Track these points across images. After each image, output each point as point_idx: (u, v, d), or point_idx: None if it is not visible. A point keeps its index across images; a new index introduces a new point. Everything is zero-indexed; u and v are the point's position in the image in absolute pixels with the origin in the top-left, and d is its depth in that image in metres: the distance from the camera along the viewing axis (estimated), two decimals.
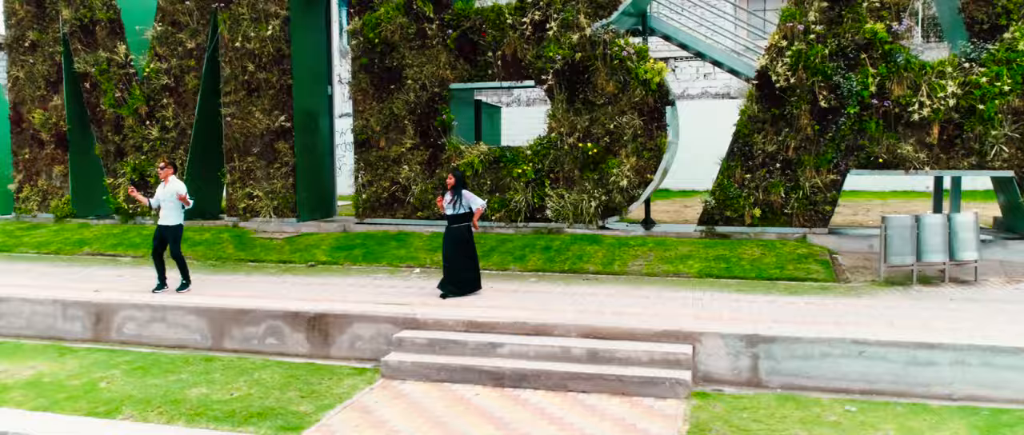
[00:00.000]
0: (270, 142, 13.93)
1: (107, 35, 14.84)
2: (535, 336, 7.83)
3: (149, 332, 9.09)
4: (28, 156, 15.75)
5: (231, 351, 8.76)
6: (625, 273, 10.87)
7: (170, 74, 14.45)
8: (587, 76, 12.12)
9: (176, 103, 14.48)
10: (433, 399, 7.02)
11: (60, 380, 7.62)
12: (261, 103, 13.90)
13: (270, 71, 13.79)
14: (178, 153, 14.52)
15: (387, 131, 13.27)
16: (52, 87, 15.43)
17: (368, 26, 13.08)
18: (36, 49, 15.44)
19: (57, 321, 9.41)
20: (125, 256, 13.12)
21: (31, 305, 9.50)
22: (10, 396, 7.16)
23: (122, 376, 7.72)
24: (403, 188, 13.27)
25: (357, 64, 13.38)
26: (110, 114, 14.91)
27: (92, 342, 9.24)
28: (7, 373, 7.87)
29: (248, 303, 8.93)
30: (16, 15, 15.50)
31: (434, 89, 12.93)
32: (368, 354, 8.37)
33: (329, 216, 15.19)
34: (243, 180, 14.19)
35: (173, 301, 9.13)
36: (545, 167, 12.43)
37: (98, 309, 9.25)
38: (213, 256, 12.72)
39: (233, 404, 6.85)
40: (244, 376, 7.71)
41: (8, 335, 9.56)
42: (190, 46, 14.29)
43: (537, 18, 12.16)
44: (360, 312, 8.46)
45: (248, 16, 13.77)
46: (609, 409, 6.71)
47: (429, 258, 11.86)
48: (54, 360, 8.39)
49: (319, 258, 12.27)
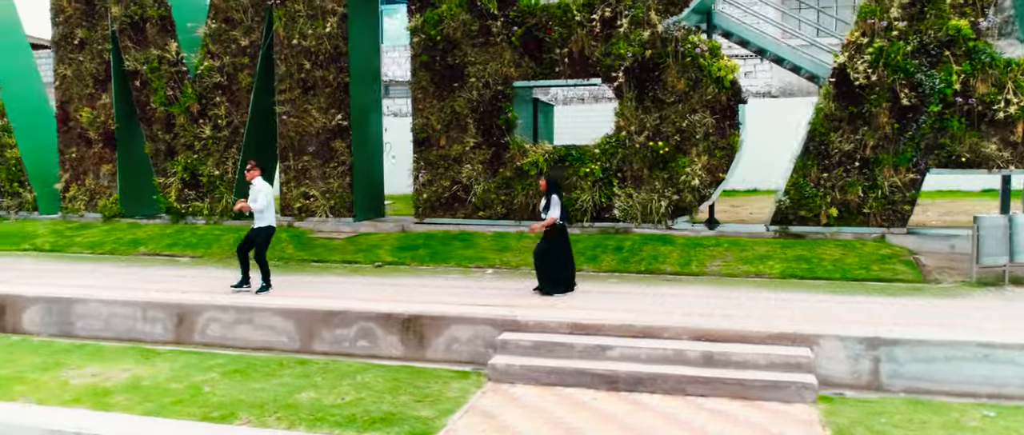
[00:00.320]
0: (326, 141, 13.74)
1: (158, 32, 14.65)
2: (643, 339, 7.64)
3: (234, 334, 8.89)
4: (75, 155, 15.55)
5: (320, 354, 8.56)
6: (704, 274, 10.69)
7: (223, 72, 14.26)
8: (657, 74, 11.93)
9: (229, 101, 14.29)
10: (551, 403, 6.83)
11: (159, 383, 7.42)
12: (317, 101, 13.71)
13: (327, 69, 13.60)
14: (231, 152, 14.33)
15: (448, 130, 13.08)
16: (100, 85, 15.24)
17: (429, 23, 12.89)
18: (84, 47, 15.25)
19: (137, 323, 9.22)
20: (183, 256, 12.94)
21: (109, 306, 9.31)
22: (114, 400, 6.97)
23: (222, 379, 7.53)
24: (464, 187, 13.08)
25: (417, 62, 13.19)
26: (160, 112, 14.72)
27: (174, 344, 9.05)
28: (102, 376, 7.68)
29: (338, 304, 8.74)
30: (64, 13, 15.30)
31: (497, 87, 12.74)
32: (466, 357, 8.18)
33: (380, 216, 15.01)
34: (298, 179, 14.00)
35: (260, 303, 8.94)
36: (613, 166, 12.24)
37: (181, 310, 9.06)
38: (274, 256, 12.49)
39: (348, 409, 6.66)
40: (346, 380, 7.51)
41: (85, 337, 9.37)
42: (244, 43, 14.11)
43: (607, 15, 11.97)
44: (457, 314, 8.27)
45: (304, 13, 13.58)
46: (738, 413, 6.52)
47: (498, 258, 11.68)
48: (142, 363, 8.19)
49: (384, 258, 12.08)
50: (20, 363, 8.20)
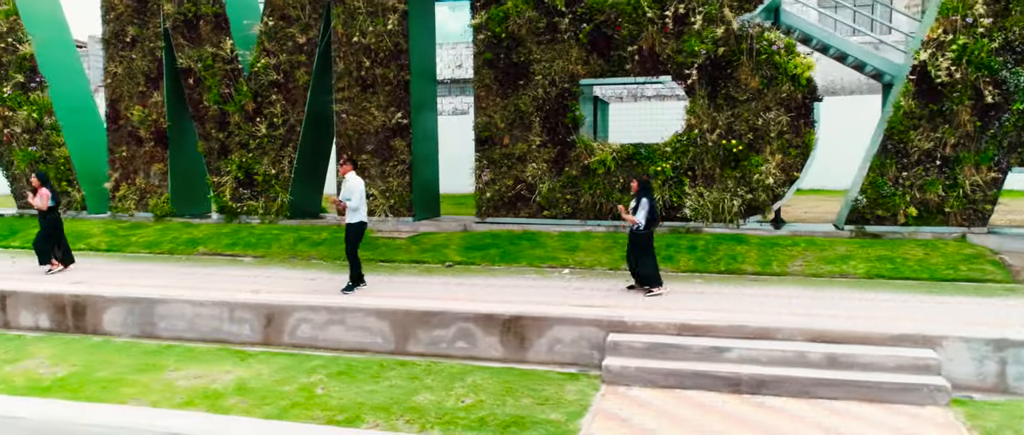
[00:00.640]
0: (385, 139, 13.59)
1: (212, 30, 14.49)
2: (758, 340, 7.49)
3: (326, 335, 8.74)
4: (125, 154, 15.40)
5: (416, 355, 8.41)
6: (786, 274, 10.53)
7: (279, 70, 14.10)
8: (730, 71, 11.78)
9: (285, 99, 14.14)
10: (678, 406, 6.68)
11: (267, 385, 7.28)
12: (377, 99, 13.56)
13: (387, 67, 13.45)
14: (287, 151, 14.18)
15: (511, 128, 12.93)
16: (152, 83, 15.08)
17: (494, 20, 12.73)
18: (135, 44, 15.09)
19: (223, 323, 9.07)
20: (245, 256, 12.78)
21: (194, 307, 9.16)
22: (227, 403, 6.83)
23: (331, 381, 7.38)
24: (528, 187, 12.93)
25: (480, 59, 13.03)
26: (214, 111, 14.56)
27: (262, 345, 8.90)
28: (205, 378, 7.53)
29: (436, 305, 8.58)
30: (115, 10, 15.14)
31: (564, 85, 12.58)
32: (569, 358, 8.03)
33: (437, 215, 14.87)
34: None
35: (353, 303, 8.78)
36: (684, 164, 12.09)
37: (269, 311, 8.91)
38: (340, 256, 12.36)
39: (473, 411, 6.51)
40: (457, 382, 7.37)
41: (168, 338, 9.22)
42: (301, 41, 13.95)
43: (681, 11, 11.81)
44: (560, 315, 8.12)
45: (364, 10, 13.43)
46: (874, 416, 6.38)
47: (570, 258, 11.52)
48: (240, 364, 8.04)
49: (453, 258, 11.92)
50: (116, 364, 8.05)
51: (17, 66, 15.76)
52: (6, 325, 9.89)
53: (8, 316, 9.88)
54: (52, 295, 9.67)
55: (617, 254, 11.49)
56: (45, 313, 9.71)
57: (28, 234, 14.58)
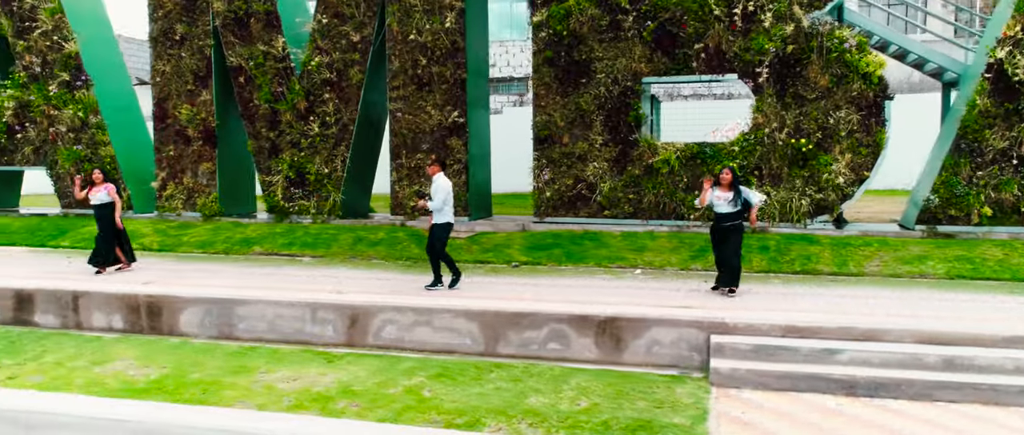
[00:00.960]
0: (441, 138, 13.46)
1: (263, 28, 14.36)
2: (868, 342, 7.35)
3: (412, 336, 8.61)
4: (173, 153, 15.27)
5: (507, 356, 8.28)
6: (864, 274, 10.40)
7: (332, 68, 13.97)
8: (798, 69, 11.65)
9: (338, 98, 14.01)
10: (800, 409, 6.55)
11: (371, 388, 7.14)
12: (433, 98, 13.43)
13: (444, 65, 13.32)
14: (339, 150, 14.05)
15: (571, 127, 12.80)
16: (200, 82, 14.95)
17: (555, 18, 12.60)
18: (184, 43, 14.96)
19: (305, 324, 8.94)
20: (303, 256, 12.65)
21: (275, 307, 9.03)
22: (336, 405, 6.69)
23: (432, 384, 7.25)
24: (589, 186, 12.79)
25: (540, 57, 12.90)
26: (264, 109, 14.44)
27: (345, 346, 8.76)
28: (304, 380, 7.40)
29: (527, 306, 8.45)
30: (163, 8, 15.01)
31: (627, 83, 12.45)
32: (667, 360, 7.90)
33: (489, 215, 14.74)
34: (411, 178, 13.72)
35: (440, 304, 8.65)
36: (750, 164, 11.96)
37: (354, 312, 8.78)
38: (401, 255, 12.26)
39: (594, 414, 6.38)
40: (562, 384, 7.23)
41: (248, 339, 9.09)
42: (355, 39, 13.82)
43: (750, 9, 11.68)
44: (658, 316, 7.98)
45: (420, 8, 13.30)
46: (1006, 421, 6.24)
47: (638, 258, 11.39)
48: (330, 366, 7.91)
49: (518, 258, 11.79)
50: (205, 366, 7.92)
51: (62, 64, 15.63)
52: (78, 326, 9.76)
53: (81, 317, 9.75)
54: (126, 295, 9.55)
55: (685, 254, 11.37)
56: (119, 314, 9.59)
57: (77, 233, 14.48)
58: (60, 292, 9.82)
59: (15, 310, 10.01)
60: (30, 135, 16.01)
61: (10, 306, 10.03)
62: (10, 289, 10.02)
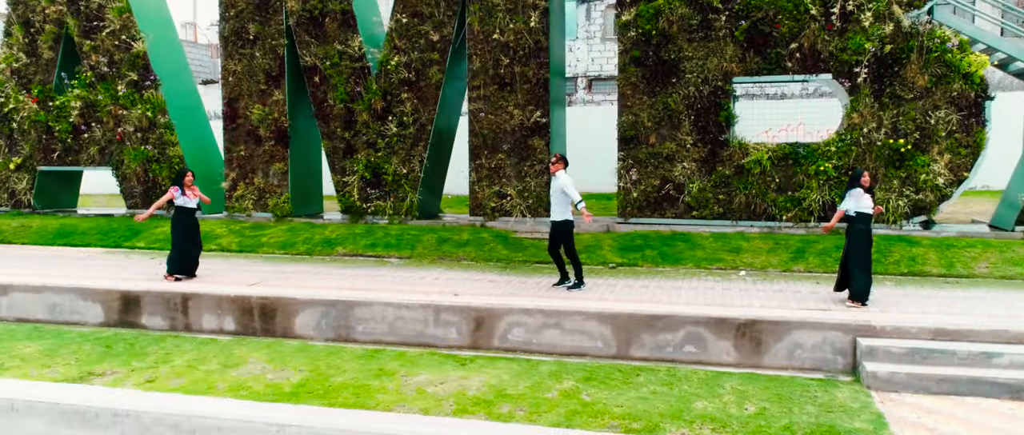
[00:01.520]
0: (523, 138, 13.37)
1: (339, 27, 14.27)
2: (1021, 345, 7.26)
3: (540, 339, 8.51)
4: (243, 153, 15.18)
5: (639, 359, 8.19)
6: (974, 275, 10.32)
7: (411, 68, 13.88)
8: (896, 69, 11.55)
9: (416, 98, 13.91)
10: (974, 414, 6.46)
11: (524, 393, 7.04)
12: (515, 97, 13.34)
13: (526, 64, 13.23)
14: (417, 150, 13.96)
15: (659, 127, 12.71)
16: (273, 81, 14.86)
17: (644, 17, 12.51)
18: (256, 42, 14.87)
19: (428, 327, 8.85)
20: (389, 256, 12.56)
21: (396, 310, 8.93)
22: (499, 409, 6.60)
23: (586, 387, 7.15)
24: (676, 186, 12.70)
25: (627, 57, 12.80)
26: (339, 109, 14.35)
27: (470, 349, 8.67)
28: (452, 384, 7.30)
29: (662, 309, 8.35)
30: (235, 7, 14.92)
31: (717, 83, 12.36)
32: (810, 363, 7.80)
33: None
34: (490, 178, 13.62)
35: (570, 306, 8.55)
36: (845, 164, 11.86)
37: (479, 314, 8.68)
38: (491, 257, 12.16)
39: (771, 419, 6.28)
40: (715, 387, 7.14)
41: (367, 341, 9.00)
42: (434, 38, 13.73)
43: (849, 8, 11.57)
44: (800, 319, 7.89)
45: (503, 7, 13.21)
46: None
47: (736, 259, 11.30)
48: (465, 369, 7.81)
49: (611, 259, 11.70)
50: (343, 369, 7.83)
51: (130, 64, 15.55)
52: (187, 328, 9.67)
53: (190, 319, 9.67)
54: (239, 298, 9.46)
55: (784, 255, 11.28)
56: (230, 316, 9.50)
57: (151, 235, 14.40)
58: (169, 294, 9.73)
59: (121, 312, 9.93)
60: (96, 135, 15.92)
61: (116, 308, 9.94)
62: (117, 291, 9.93)
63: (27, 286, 10.29)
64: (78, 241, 14.56)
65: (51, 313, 10.19)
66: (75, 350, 8.69)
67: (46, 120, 16.18)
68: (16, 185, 16.73)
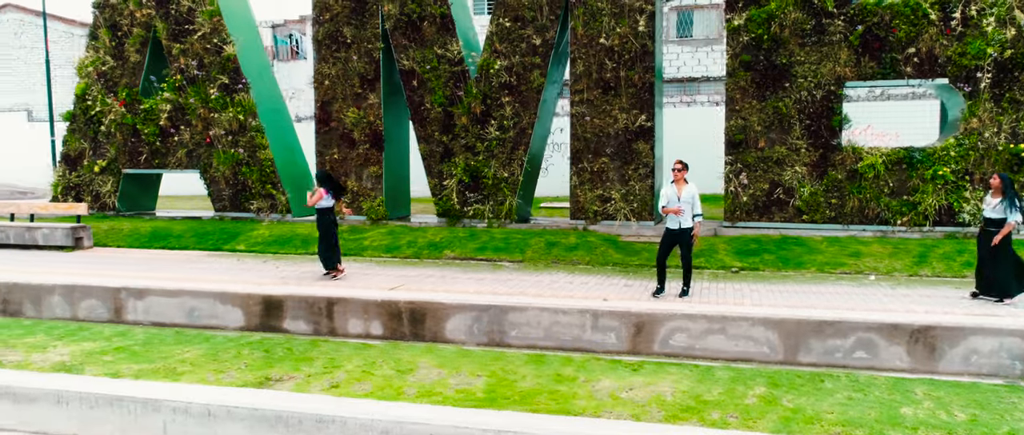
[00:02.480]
0: (627, 142, 13.40)
1: (437, 31, 14.31)
2: None
3: (703, 345, 8.54)
4: (336, 156, 15.22)
5: (807, 365, 8.21)
6: None
7: (511, 71, 13.91)
8: (1017, 73, 11.57)
9: (517, 102, 13.95)
10: None
11: (723, 399, 7.05)
12: (619, 101, 13.37)
13: (632, 68, 13.26)
14: (517, 154, 14.00)
15: (768, 130, 12.73)
16: (368, 85, 14.90)
17: (755, 22, 12.54)
18: (351, 46, 14.91)
19: (585, 331, 8.88)
20: (500, 260, 12.59)
21: (552, 314, 8.96)
22: (710, 416, 6.62)
23: (780, 393, 7.17)
24: (786, 190, 12.72)
25: (736, 61, 12.83)
26: (436, 113, 14.38)
27: (628, 354, 8.70)
28: (642, 390, 7.31)
29: (832, 314, 8.38)
30: (330, 11, 14.97)
31: (829, 87, 12.38)
32: (986, 369, 7.82)
33: (660, 219, 14.66)
34: (593, 182, 13.66)
35: (735, 312, 8.57)
36: (962, 168, 11.88)
37: (639, 320, 8.71)
38: (604, 261, 12.19)
39: (992, 427, 6.29)
40: (908, 394, 7.15)
41: (521, 346, 9.03)
42: (536, 42, 13.76)
43: (969, 13, 11.59)
44: (976, 325, 7.91)
45: (609, 11, 13.24)
46: None
47: (858, 263, 11.33)
48: (638, 375, 7.83)
49: (728, 263, 11.73)
50: (522, 375, 7.85)
51: (221, 67, 15.60)
52: (332, 332, 9.71)
53: (335, 323, 9.70)
54: (387, 302, 9.49)
55: (907, 260, 11.30)
56: (378, 320, 9.53)
57: (249, 237, 14.45)
58: (313, 298, 9.77)
59: (263, 316, 9.97)
60: (184, 138, 15.98)
61: (258, 312, 9.98)
62: (259, 295, 9.98)
63: (164, 290, 10.34)
64: (174, 244, 14.62)
65: (189, 317, 10.24)
66: (235, 355, 8.72)
67: (133, 123, 16.23)
68: (101, 188, 16.78)
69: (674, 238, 9.62)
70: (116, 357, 8.72)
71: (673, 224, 9.56)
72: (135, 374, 8.10)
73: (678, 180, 9.51)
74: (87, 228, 14.71)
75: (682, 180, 9.51)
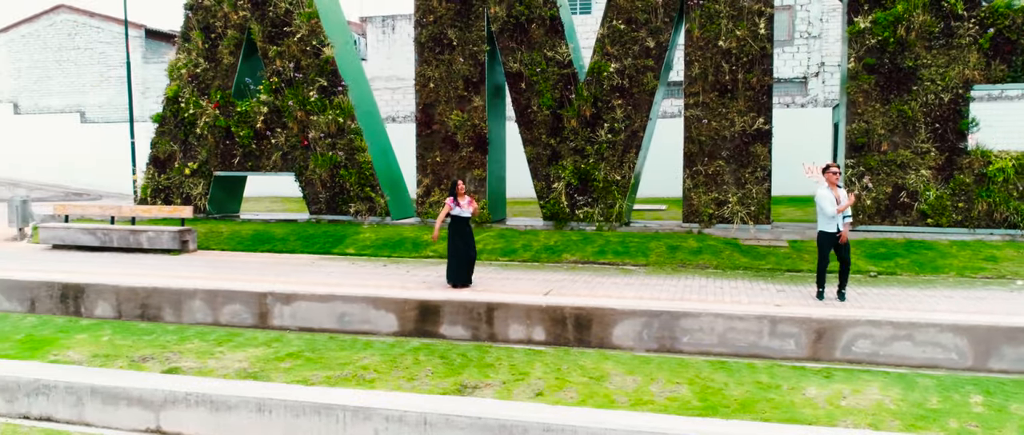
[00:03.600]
0: (744, 145, 13.33)
1: (545, 33, 14.25)
2: None
3: (888, 351, 8.47)
4: (438, 159, 15.15)
5: (998, 372, 8.15)
6: None
7: (623, 74, 13.85)
8: None
9: (629, 104, 13.88)
10: None
11: (950, 409, 6.99)
12: (736, 104, 13.31)
13: (750, 71, 13.19)
14: (628, 156, 13.94)
15: (892, 134, 12.67)
16: (472, 87, 14.84)
17: (880, 25, 12.47)
18: (455, 48, 14.85)
19: (762, 338, 8.81)
20: (625, 264, 12.53)
21: (726, 320, 8.90)
22: (947, 425, 6.56)
23: (1006, 402, 7.11)
24: (909, 194, 12.66)
25: (859, 64, 12.76)
26: (544, 116, 14.32)
27: (808, 361, 8.63)
28: (862, 398, 7.25)
29: (1020, 321, 8.33)
30: (433, 12, 14.90)
31: (957, 90, 12.32)
32: None
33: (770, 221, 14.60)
34: (706, 185, 13.59)
35: (924, 318, 8.51)
36: None
37: (820, 326, 8.65)
38: (733, 265, 12.12)
39: None
40: None
41: (692, 352, 8.96)
42: (650, 45, 13.70)
43: None
44: None
45: (726, 13, 13.18)
46: None
47: (995, 268, 11.26)
48: (844, 382, 7.76)
49: (863, 267, 11.66)
50: (723, 382, 7.79)
51: (319, 70, 15.53)
52: (491, 338, 9.64)
53: (495, 329, 9.64)
54: (550, 307, 9.42)
55: None
56: (541, 326, 9.47)
57: (357, 240, 14.38)
58: (472, 304, 9.71)
59: (418, 322, 9.91)
60: (280, 141, 15.92)
61: (413, 318, 9.92)
62: (414, 300, 9.92)
63: (314, 295, 10.28)
64: (280, 247, 14.56)
65: (339, 322, 10.18)
66: (413, 361, 8.65)
67: (227, 125, 16.17)
68: (191, 190, 16.72)
69: (833, 241, 9.62)
70: (294, 363, 8.67)
71: (832, 227, 9.58)
72: (325, 381, 8.05)
73: (832, 183, 9.56)
74: (192, 231, 14.66)
75: (835, 184, 9.59)
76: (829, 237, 9.60)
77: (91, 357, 9.09)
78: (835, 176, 9.56)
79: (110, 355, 9.14)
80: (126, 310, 11.07)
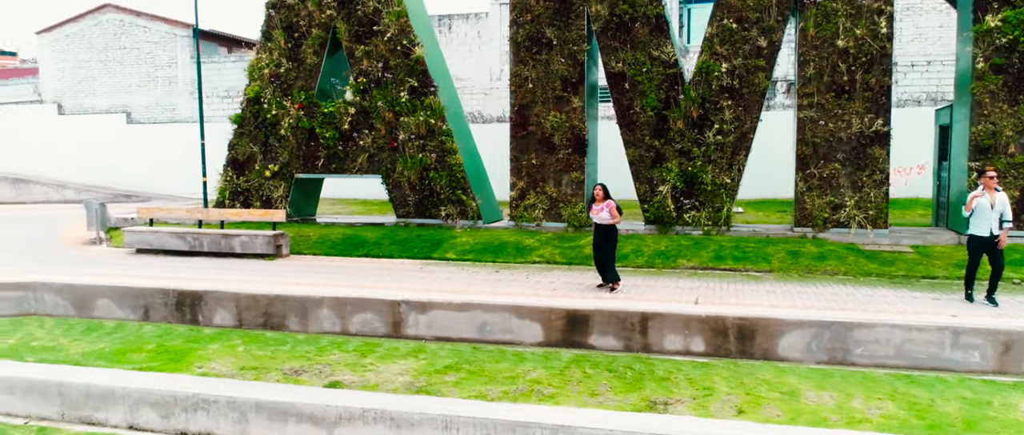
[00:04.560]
0: (861, 147, 12.95)
1: (649, 32, 13.87)
2: None
3: None
4: (534, 161, 14.77)
5: None
6: None
7: (733, 74, 13.47)
8: None
9: (739, 105, 13.50)
10: None
11: None
12: (853, 105, 12.93)
13: (868, 71, 12.81)
14: (738, 159, 13.56)
15: (1021, 136, 12.28)
16: (571, 88, 14.46)
17: (1010, 24, 12.09)
18: (553, 48, 14.47)
19: (944, 350, 8.43)
20: (747, 270, 12.15)
21: (904, 331, 8.52)
22: None
23: None
24: None
25: (985, 65, 12.38)
26: (647, 117, 13.94)
27: (994, 374, 8.26)
28: None
29: None
30: (531, 12, 14.53)
31: None
32: None
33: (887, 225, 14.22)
34: (821, 188, 13.21)
35: None
36: None
37: (1007, 338, 8.27)
38: (862, 271, 11.73)
39: None
40: None
41: (865, 365, 8.58)
42: (762, 44, 13.31)
43: None
44: None
45: (844, 11, 12.80)
46: None
47: None
48: None
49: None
50: (928, 399, 7.42)
51: (408, 70, 15.17)
52: (645, 348, 9.26)
53: (649, 339, 9.27)
54: (711, 317, 9.05)
55: None
56: (700, 336, 9.09)
57: (454, 245, 14.02)
58: (624, 313, 9.34)
59: (565, 331, 9.54)
60: (366, 142, 15.56)
61: (559, 327, 9.56)
62: (561, 309, 9.55)
63: (451, 304, 9.91)
64: (376, 251, 14.19)
65: (480, 332, 9.82)
66: (582, 375, 8.29)
67: (311, 126, 15.81)
68: (272, 193, 16.37)
69: (984, 245, 9.36)
70: (458, 376, 8.31)
71: (984, 231, 9.36)
72: (504, 397, 7.68)
73: (990, 187, 9.29)
74: (285, 235, 14.29)
75: (993, 188, 9.31)
76: (978, 241, 9.38)
77: (239, 369, 8.73)
78: (992, 180, 9.29)
79: (257, 368, 8.78)
80: (247, 318, 10.72)
